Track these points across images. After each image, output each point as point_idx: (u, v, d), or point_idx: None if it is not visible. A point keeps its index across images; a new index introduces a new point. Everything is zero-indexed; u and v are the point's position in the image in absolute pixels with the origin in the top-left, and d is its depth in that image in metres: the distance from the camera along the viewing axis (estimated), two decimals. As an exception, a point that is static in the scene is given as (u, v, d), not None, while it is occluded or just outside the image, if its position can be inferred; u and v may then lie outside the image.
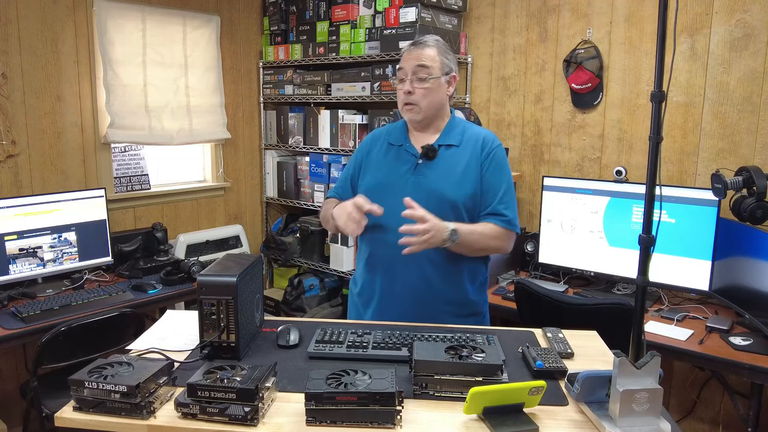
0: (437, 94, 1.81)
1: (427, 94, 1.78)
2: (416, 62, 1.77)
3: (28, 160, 2.89)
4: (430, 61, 1.78)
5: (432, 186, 1.77)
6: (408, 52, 1.80)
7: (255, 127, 3.98)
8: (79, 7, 3.01)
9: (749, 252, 2.24)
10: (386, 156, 1.88)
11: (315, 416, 1.18)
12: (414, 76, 1.77)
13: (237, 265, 1.49)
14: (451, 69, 1.84)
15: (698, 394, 2.71)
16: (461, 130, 1.86)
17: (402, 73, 1.80)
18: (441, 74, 1.80)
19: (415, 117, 1.81)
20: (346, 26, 3.40)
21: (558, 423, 1.22)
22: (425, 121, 1.84)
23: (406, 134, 1.89)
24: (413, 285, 1.78)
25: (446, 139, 1.84)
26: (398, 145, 1.87)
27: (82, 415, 1.21)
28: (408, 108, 1.80)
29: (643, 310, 1.28)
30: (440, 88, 1.81)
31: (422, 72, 1.77)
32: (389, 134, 1.93)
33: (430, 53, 1.78)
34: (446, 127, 1.86)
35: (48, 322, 2.24)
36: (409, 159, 1.83)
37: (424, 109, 1.80)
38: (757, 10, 2.45)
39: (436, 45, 1.81)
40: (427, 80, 1.77)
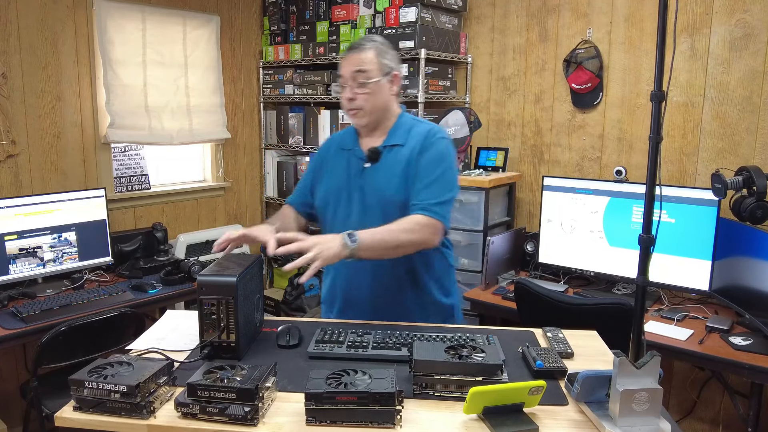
0: (379, 97, 1.76)
1: (368, 98, 1.74)
2: (353, 68, 1.73)
3: (28, 160, 2.89)
4: (368, 65, 1.73)
5: (377, 189, 1.75)
6: (345, 58, 1.77)
7: (255, 127, 3.98)
8: (79, 7, 3.01)
9: (749, 252, 2.24)
10: (338, 162, 1.85)
11: (315, 416, 1.18)
12: (353, 81, 1.74)
13: (237, 265, 1.49)
14: (392, 69, 1.78)
15: (698, 394, 2.71)
16: (408, 128, 1.81)
17: (342, 80, 1.77)
18: (380, 76, 1.75)
19: (360, 121, 1.79)
20: (346, 26, 3.40)
21: (558, 423, 1.22)
22: (371, 125, 1.80)
23: (356, 138, 1.86)
24: (372, 293, 1.78)
25: (392, 139, 1.80)
26: (348, 150, 1.85)
27: (82, 415, 1.21)
28: (352, 113, 1.78)
29: (643, 310, 1.28)
30: (382, 90, 1.76)
31: (361, 77, 1.73)
32: (341, 139, 1.91)
33: (367, 57, 1.74)
34: (393, 127, 1.82)
35: (48, 322, 2.24)
36: (357, 163, 1.80)
37: (368, 113, 1.77)
38: (757, 10, 2.45)
39: (373, 47, 1.76)
40: (366, 84, 1.73)
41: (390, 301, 1.79)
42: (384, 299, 1.79)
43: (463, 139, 3.06)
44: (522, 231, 3.07)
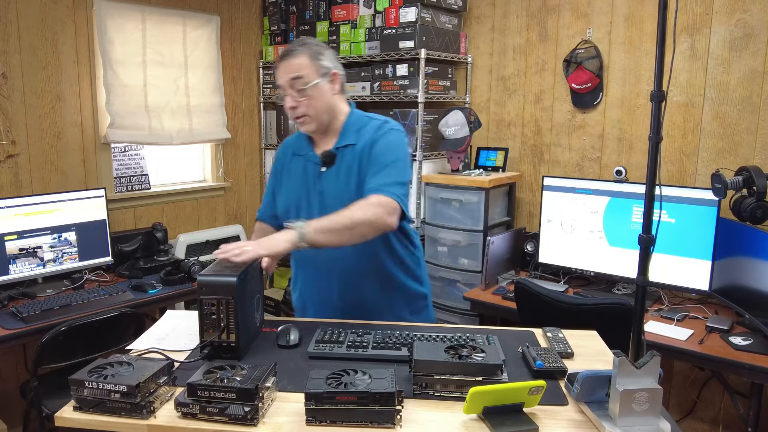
0: (322, 100, 1.72)
1: (311, 103, 1.70)
2: (289, 75, 1.69)
3: (28, 160, 2.89)
4: (303, 70, 1.68)
5: (336, 192, 1.72)
6: (278, 67, 1.72)
7: (255, 127, 3.98)
8: (79, 7, 3.01)
9: (749, 252, 2.24)
10: (295, 168, 1.83)
11: (315, 416, 1.18)
12: (292, 89, 1.69)
13: (237, 265, 1.49)
14: (329, 68, 1.73)
15: (698, 394, 2.71)
16: (359, 126, 1.77)
17: (282, 89, 1.72)
18: (318, 78, 1.70)
19: (308, 128, 1.75)
20: (346, 26, 3.40)
21: (558, 423, 1.21)
22: (321, 129, 1.77)
23: (309, 143, 1.82)
24: (341, 295, 1.77)
25: (344, 139, 1.76)
26: (303, 155, 1.82)
27: (82, 415, 1.21)
28: (300, 121, 1.74)
29: (643, 310, 1.28)
30: (323, 93, 1.72)
31: (298, 83, 1.68)
32: (295, 144, 1.87)
33: (300, 61, 1.69)
34: (343, 127, 1.78)
35: (48, 322, 2.24)
36: (313, 168, 1.78)
37: (315, 118, 1.73)
38: (757, 10, 2.45)
39: (305, 51, 1.71)
40: (305, 90, 1.69)
41: (361, 299, 1.78)
42: (354, 298, 1.77)
43: (463, 139, 3.06)
44: (522, 231, 3.07)
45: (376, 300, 1.80)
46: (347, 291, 1.78)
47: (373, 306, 1.80)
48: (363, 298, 1.78)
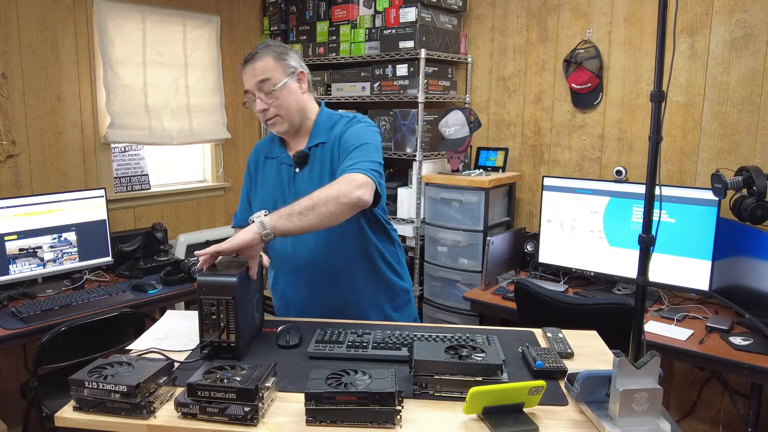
0: (292, 100, 1.72)
1: (280, 104, 1.69)
2: (256, 79, 1.67)
3: (28, 160, 2.89)
4: (269, 72, 1.68)
5: (307, 192, 1.67)
6: (244, 71, 1.70)
7: (255, 127, 3.98)
8: (79, 7, 3.01)
9: (749, 252, 2.24)
10: (268, 172, 1.82)
11: (315, 416, 1.18)
12: (260, 92, 1.68)
13: (237, 265, 1.49)
14: (295, 68, 1.72)
15: (698, 394, 2.71)
16: (330, 124, 1.76)
17: (249, 95, 1.71)
18: (285, 78, 1.69)
19: (280, 129, 1.74)
20: (346, 26, 3.40)
21: (558, 423, 1.21)
22: (292, 129, 1.76)
23: (281, 144, 1.82)
24: (320, 293, 1.77)
25: (315, 138, 1.76)
26: (275, 158, 1.81)
27: (82, 415, 1.21)
28: (271, 123, 1.73)
29: (643, 310, 1.28)
30: (292, 92, 1.71)
31: (266, 86, 1.68)
32: (267, 147, 1.86)
33: (264, 64, 1.68)
34: (314, 127, 1.77)
35: (48, 322, 2.24)
36: (286, 171, 1.77)
37: (287, 118, 1.72)
38: (757, 10, 2.45)
39: (269, 52, 1.70)
40: (274, 92, 1.68)
41: (344, 299, 1.78)
42: (338, 298, 1.77)
43: (463, 139, 3.06)
44: (522, 231, 3.07)
45: (360, 298, 1.79)
46: (330, 291, 1.77)
47: (356, 304, 1.79)
48: (346, 298, 1.78)
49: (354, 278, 1.77)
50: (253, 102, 1.71)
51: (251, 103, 1.72)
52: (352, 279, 1.77)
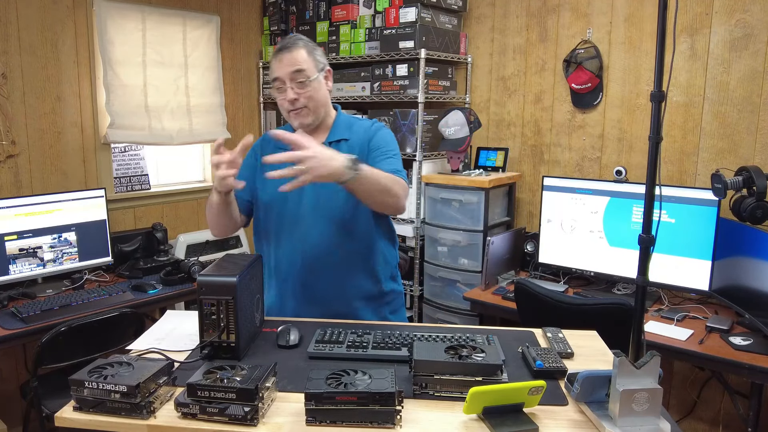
0: (320, 94, 1.75)
1: (311, 96, 1.71)
2: (291, 68, 1.68)
3: (28, 160, 2.89)
4: (304, 63, 1.70)
5: (330, 185, 1.68)
6: (278, 59, 1.71)
7: (255, 127, 3.98)
8: (79, 7, 3.01)
9: (749, 252, 2.24)
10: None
11: (315, 416, 1.18)
12: (292, 82, 1.69)
13: (237, 265, 1.49)
14: (324, 64, 1.76)
15: (698, 394, 2.71)
16: (348, 124, 1.82)
17: (279, 83, 1.71)
18: (317, 72, 1.72)
19: (305, 120, 1.74)
20: (346, 26, 3.40)
21: (558, 423, 1.21)
22: (315, 122, 1.78)
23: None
24: (322, 287, 1.76)
25: (335, 135, 1.79)
26: (290, 149, 1.82)
27: (82, 415, 1.21)
28: (296, 113, 1.73)
29: (643, 310, 1.28)
30: (321, 87, 1.74)
31: (300, 76, 1.69)
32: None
33: (300, 55, 1.70)
34: (334, 124, 1.81)
35: (48, 322, 2.24)
36: None
37: (314, 110, 1.74)
38: (757, 10, 2.46)
39: (302, 45, 1.72)
40: (306, 83, 1.70)
41: (349, 302, 1.78)
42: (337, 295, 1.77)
43: (463, 139, 3.06)
44: (522, 231, 3.07)
45: (363, 301, 1.81)
46: (328, 285, 1.77)
47: (359, 308, 1.80)
48: (351, 301, 1.79)
49: (361, 282, 1.78)
50: (283, 90, 1.71)
51: (278, 91, 1.73)
52: (359, 282, 1.77)
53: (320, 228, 1.72)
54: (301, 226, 1.75)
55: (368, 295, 1.81)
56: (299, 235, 1.75)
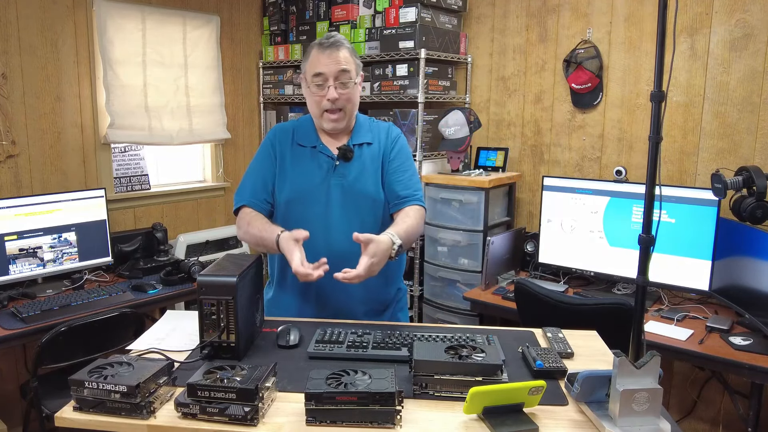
0: (356, 98, 1.74)
1: (349, 98, 1.70)
2: (338, 66, 1.66)
3: (28, 160, 2.89)
4: (349, 64, 1.68)
5: (354, 186, 1.74)
6: (324, 55, 1.67)
7: (255, 127, 3.98)
8: (79, 7, 3.01)
9: (749, 252, 2.24)
10: (301, 158, 1.78)
11: (315, 416, 1.18)
12: (336, 81, 1.67)
13: (237, 265, 1.49)
14: (361, 68, 1.77)
15: (698, 394, 2.71)
16: (368, 126, 1.82)
17: (321, 79, 1.67)
18: (357, 76, 1.72)
19: (339, 125, 1.73)
20: (346, 26, 3.40)
21: (558, 423, 1.21)
22: (345, 129, 1.77)
23: (316, 134, 1.80)
24: (338, 289, 1.73)
25: (358, 137, 1.78)
26: (312, 147, 1.78)
27: (82, 415, 1.21)
28: (333, 117, 1.71)
29: (643, 310, 1.28)
30: (357, 92, 1.74)
31: (344, 77, 1.67)
32: (295, 133, 1.81)
33: (346, 55, 1.69)
34: (356, 126, 1.81)
35: (48, 322, 2.24)
36: (325, 161, 1.76)
37: (348, 114, 1.74)
38: (757, 10, 2.46)
39: (346, 45, 1.71)
40: (348, 85, 1.68)
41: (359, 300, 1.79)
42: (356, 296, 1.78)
43: (463, 139, 3.06)
44: (522, 231, 3.07)
45: (378, 304, 1.83)
46: (352, 297, 1.77)
47: (373, 308, 1.82)
48: (365, 304, 1.80)
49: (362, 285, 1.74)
50: (323, 87, 1.68)
51: (318, 87, 1.68)
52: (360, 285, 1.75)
53: (345, 229, 1.71)
54: (317, 229, 1.73)
55: (383, 299, 1.84)
56: (316, 237, 1.73)
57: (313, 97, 1.72)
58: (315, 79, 1.69)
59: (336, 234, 1.73)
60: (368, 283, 1.73)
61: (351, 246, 1.68)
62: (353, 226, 1.68)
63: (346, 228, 1.70)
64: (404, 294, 1.95)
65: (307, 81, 1.73)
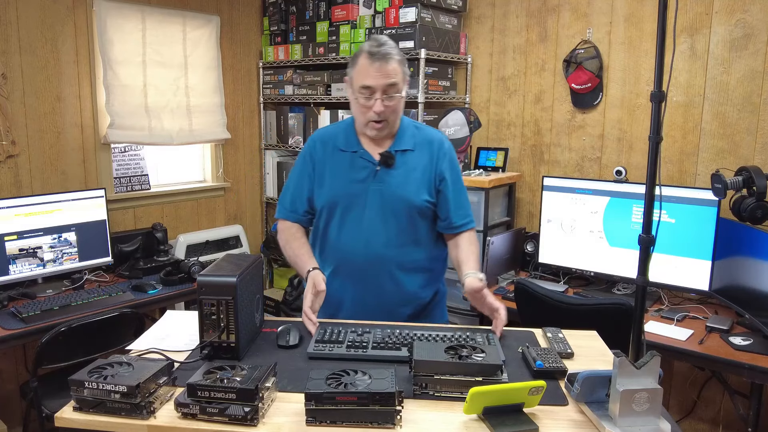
0: (402, 107, 1.75)
1: (394, 110, 1.71)
2: (386, 80, 1.66)
3: (28, 160, 2.89)
4: (397, 77, 1.68)
5: (395, 192, 1.75)
6: (373, 67, 1.65)
7: (255, 128, 3.98)
8: (79, 7, 3.01)
9: (749, 252, 2.24)
10: (340, 163, 1.79)
11: (315, 416, 1.18)
12: (384, 94, 1.67)
13: (237, 265, 1.49)
14: (408, 74, 1.76)
15: (698, 394, 2.71)
16: (412, 133, 1.82)
17: (369, 92, 1.67)
18: (404, 87, 1.73)
19: (382, 133, 1.75)
20: (346, 26, 3.40)
21: (558, 423, 1.22)
22: (388, 136, 1.79)
23: (357, 139, 1.81)
24: (381, 294, 1.78)
25: (400, 144, 1.79)
26: (352, 152, 1.79)
27: (82, 416, 1.21)
28: (378, 127, 1.71)
29: (643, 310, 1.28)
30: (402, 101, 1.75)
31: (392, 90, 1.67)
32: (335, 139, 1.83)
33: (396, 68, 1.67)
34: (399, 132, 1.80)
35: (48, 323, 2.24)
36: (366, 166, 1.77)
37: (392, 125, 1.75)
38: (757, 10, 2.45)
39: (398, 56, 1.69)
40: (394, 97, 1.69)
41: (396, 305, 1.81)
42: (392, 302, 1.80)
43: (463, 139, 3.06)
44: (522, 231, 3.07)
45: (417, 304, 1.85)
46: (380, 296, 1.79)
47: (414, 309, 1.84)
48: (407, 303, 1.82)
49: (402, 288, 1.80)
50: (370, 99, 1.68)
51: (365, 99, 1.69)
52: (399, 289, 1.79)
53: (383, 234, 1.74)
54: (356, 234, 1.75)
55: (423, 300, 1.85)
56: (356, 242, 1.75)
57: (359, 107, 1.72)
58: (363, 91, 1.69)
59: (374, 238, 1.74)
60: (407, 288, 1.79)
61: (388, 250, 1.71)
62: (391, 231, 1.71)
63: (384, 233, 1.73)
64: (444, 295, 1.97)
65: (353, 89, 1.72)
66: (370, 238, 1.74)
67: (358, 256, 1.75)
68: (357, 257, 1.76)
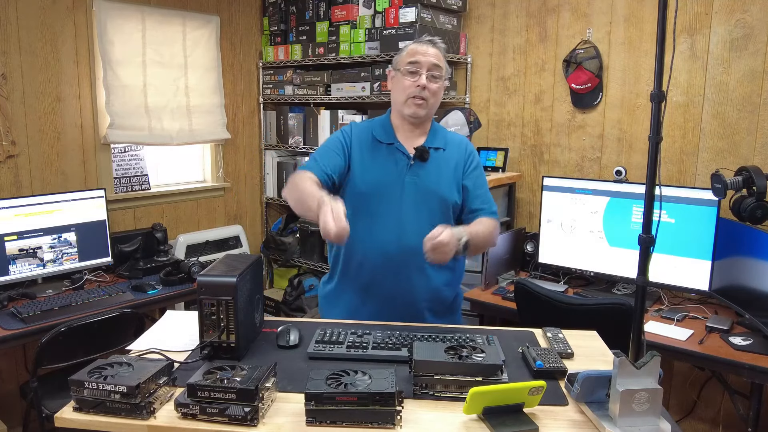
0: (440, 96, 1.84)
1: (435, 92, 1.80)
2: (433, 60, 1.77)
3: (28, 160, 2.89)
4: (441, 62, 1.80)
5: (429, 186, 1.80)
6: (422, 47, 1.78)
7: (255, 128, 3.98)
8: (79, 7, 3.01)
9: (749, 252, 2.24)
10: (375, 154, 1.83)
11: (315, 416, 1.18)
12: (428, 72, 1.76)
13: (236, 265, 1.49)
14: (449, 72, 1.88)
15: (698, 394, 2.71)
16: (443, 134, 1.91)
17: (416, 66, 1.77)
18: (446, 77, 1.83)
19: (420, 111, 1.79)
20: (345, 26, 3.40)
21: (558, 423, 1.22)
22: (423, 119, 1.84)
23: (393, 133, 1.86)
24: (403, 286, 1.79)
25: (433, 141, 1.86)
26: (387, 144, 1.84)
27: (82, 416, 1.21)
28: (418, 102, 1.78)
29: (643, 310, 1.28)
30: (442, 91, 1.84)
31: (436, 71, 1.78)
32: (373, 130, 1.87)
33: (440, 54, 1.81)
34: (431, 130, 1.88)
35: (48, 323, 2.24)
36: (401, 158, 1.81)
37: (431, 107, 1.81)
38: (757, 10, 2.46)
39: (443, 49, 1.83)
40: (437, 80, 1.79)
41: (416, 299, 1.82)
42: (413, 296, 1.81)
43: (463, 140, 3.06)
44: (522, 231, 3.07)
45: (440, 303, 1.86)
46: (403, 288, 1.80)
47: (436, 309, 1.85)
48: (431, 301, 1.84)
49: (423, 282, 1.81)
50: (416, 74, 1.77)
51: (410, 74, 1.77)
52: (421, 282, 1.80)
53: (416, 226, 1.75)
54: (388, 224, 1.78)
55: (446, 300, 1.88)
56: (387, 231, 1.77)
57: (404, 82, 1.79)
58: (410, 66, 1.78)
59: (407, 229, 1.77)
60: (433, 284, 1.81)
61: (420, 242, 1.70)
62: (423, 224, 1.72)
63: (417, 225, 1.75)
64: (461, 302, 2.00)
65: (401, 70, 1.81)
66: (405, 228, 1.77)
67: (390, 245, 1.77)
68: (390, 247, 1.77)
